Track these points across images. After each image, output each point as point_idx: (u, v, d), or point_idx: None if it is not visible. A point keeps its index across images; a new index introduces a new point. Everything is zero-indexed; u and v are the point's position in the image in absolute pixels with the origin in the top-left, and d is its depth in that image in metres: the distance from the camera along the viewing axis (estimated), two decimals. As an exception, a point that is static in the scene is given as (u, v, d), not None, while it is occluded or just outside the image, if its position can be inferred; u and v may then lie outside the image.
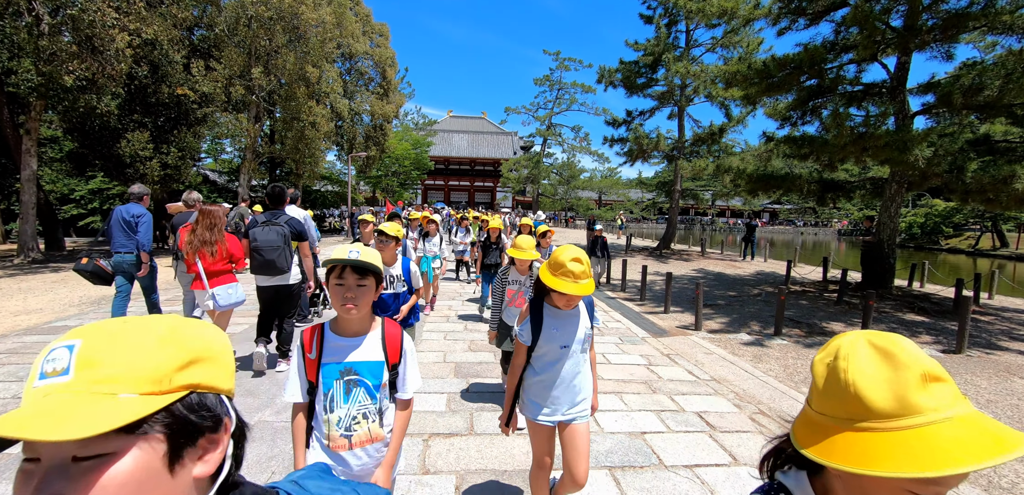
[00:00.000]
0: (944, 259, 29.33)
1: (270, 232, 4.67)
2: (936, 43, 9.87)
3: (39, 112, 12.48)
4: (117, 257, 5.62)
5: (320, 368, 1.66)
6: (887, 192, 11.15)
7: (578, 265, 2.07)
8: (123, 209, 5.69)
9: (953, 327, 7.90)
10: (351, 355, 1.68)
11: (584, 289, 2.06)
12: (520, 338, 2.27)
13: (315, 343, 1.68)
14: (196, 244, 4.58)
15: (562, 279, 2.07)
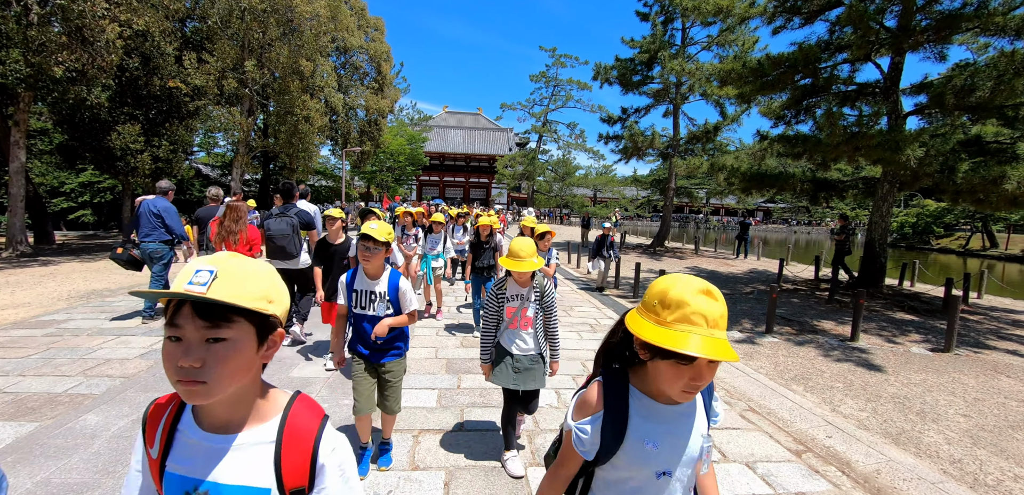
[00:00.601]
0: (934, 259, 29.62)
1: (281, 222, 5.44)
2: (929, 44, 9.93)
3: (28, 104, 12.30)
4: (145, 245, 6.41)
5: (162, 477, 0.96)
6: (879, 192, 11.22)
7: (711, 303, 1.04)
8: (150, 202, 6.42)
9: (942, 326, 7.96)
10: (211, 469, 0.92)
11: (723, 351, 0.99)
12: (578, 445, 1.19)
13: (161, 432, 0.96)
14: (223, 234, 5.40)
15: (684, 329, 1.01)
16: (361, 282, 2.94)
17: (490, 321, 3.06)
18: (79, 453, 3.14)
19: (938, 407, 4.74)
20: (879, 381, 5.43)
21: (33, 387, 4.21)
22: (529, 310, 3.04)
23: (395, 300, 2.92)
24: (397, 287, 2.93)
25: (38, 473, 2.90)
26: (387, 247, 2.90)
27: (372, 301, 2.91)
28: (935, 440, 4.04)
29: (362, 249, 2.85)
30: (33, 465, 2.99)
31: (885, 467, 3.45)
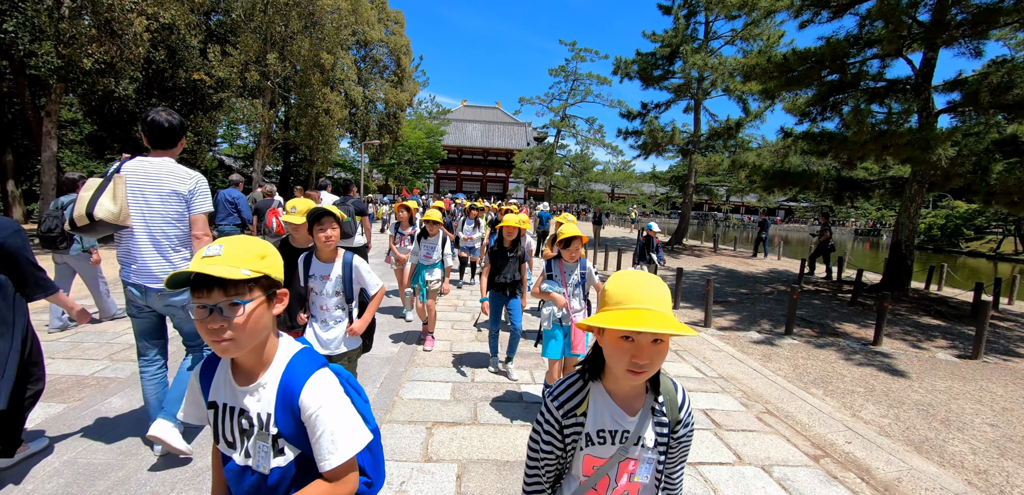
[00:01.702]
0: (963, 262, 28.69)
1: (342, 209, 6.45)
2: (965, 39, 9.56)
3: (59, 95, 12.68)
4: (222, 227, 7.45)
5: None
6: (907, 192, 10.89)
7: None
8: (225, 193, 7.58)
9: (970, 332, 7.71)
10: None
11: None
12: None
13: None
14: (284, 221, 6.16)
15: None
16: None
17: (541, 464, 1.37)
18: (105, 434, 3.24)
19: (964, 416, 4.59)
20: (902, 387, 5.29)
21: (62, 370, 4.35)
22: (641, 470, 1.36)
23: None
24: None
25: (66, 453, 3.00)
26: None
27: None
28: (960, 450, 3.92)
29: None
30: (61, 445, 3.09)
31: (907, 476, 3.36)
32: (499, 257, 4.71)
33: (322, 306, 2.90)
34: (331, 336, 2.90)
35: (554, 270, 3.64)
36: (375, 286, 2.91)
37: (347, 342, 2.94)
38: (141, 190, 2.76)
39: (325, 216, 2.80)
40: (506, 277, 4.68)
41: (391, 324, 6.40)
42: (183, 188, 2.83)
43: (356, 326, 2.89)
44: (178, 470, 2.88)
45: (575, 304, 3.61)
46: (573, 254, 3.56)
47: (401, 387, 4.33)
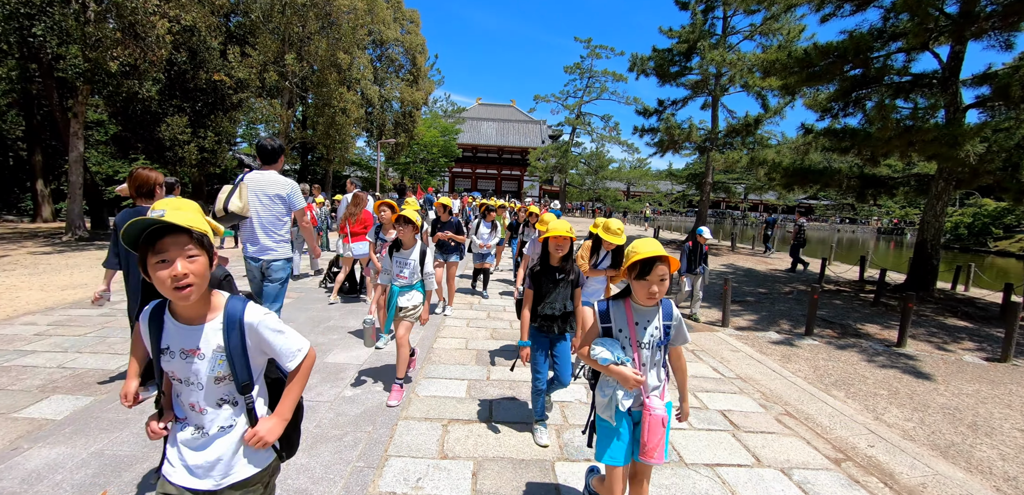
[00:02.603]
0: (992, 262, 27.81)
1: None
2: (994, 31, 9.27)
3: (85, 96, 13.04)
4: None
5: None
6: (933, 190, 10.60)
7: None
8: None
9: (999, 334, 7.48)
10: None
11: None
12: None
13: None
14: (346, 214, 7.11)
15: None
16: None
17: None
18: (130, 427, 3.33)
19: (992, 420, 4.46)
20: (927, 390, 5.15)
21: (89, 364, 4.48)
22: None
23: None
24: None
25: (92, 444, 3.09)
26: None
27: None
28: (988, 455, 3.80)
29: None
30: (88, 437, 3.18)
31: (932, 481, 3.27)
32: (544, 280, 3.33)
33: (192, 403, 1.50)
34: (209, 457, 1.50)
35: (616, 317, 2.18)
36: (295, 351, 1.56)
37: (246, 461, 1.55)
38: (255, 193, 3.96)
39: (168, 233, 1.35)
40: (554, 308, 3.33)
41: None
42: (283, 191, 4.06)
43: (264, 431, 1.53)
44: (200, 463, 2.94)
45: (653, 379, 2.15)
46: (652, 289, 2.03)
47: (417, 384, 4.35)
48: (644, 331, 2.13)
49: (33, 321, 5.74)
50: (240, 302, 1.55)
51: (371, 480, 2.89)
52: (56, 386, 3.95)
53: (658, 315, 2.16)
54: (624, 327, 2.15)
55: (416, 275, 3.95)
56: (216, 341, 1.48)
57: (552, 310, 3.33)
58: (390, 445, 3.29)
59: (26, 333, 5.28)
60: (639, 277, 2.04)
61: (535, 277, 3.34)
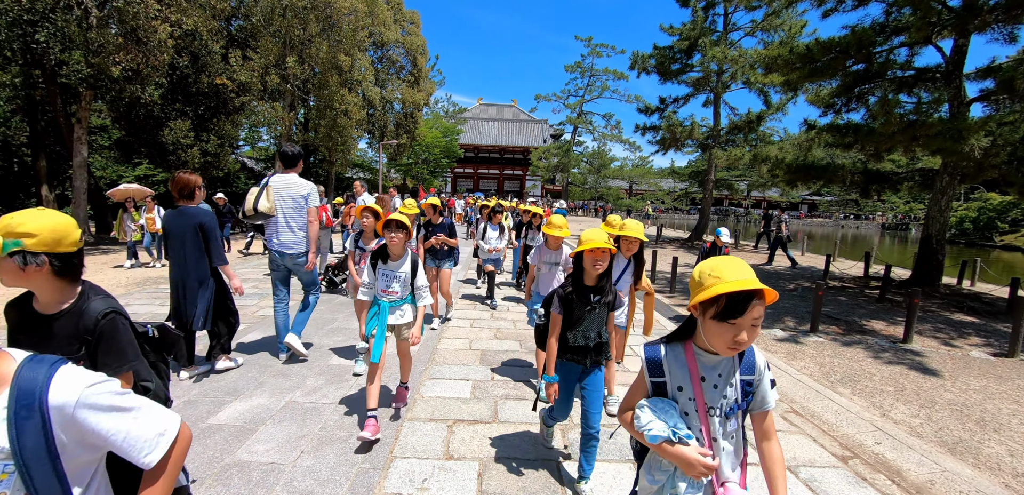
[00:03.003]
0: (998, 256, 27.67)
1: None
2: (998, 24, 9.19)
3: (89, 102, 13.09)
4: None
5: None
6: (938, 184, 10.54)
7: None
8: None
9: (1006, 328, 7.43)
10: None
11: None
12: None
13: None
14: None
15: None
16: None
17: None
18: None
19: (1001, 416, 4.43)
20: (934, 386, 5.12)
21: (95, 368, 4.49)
22: None
23: None
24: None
25: (99, 449, 3.10)
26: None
27: None
28: (997, 451, 3.78)
29: None
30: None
31: (940, 478, 3.25)
32: (577, 302, 2.67)
33: None
34: None
35: (673, 369, 1.54)
36: (152, 438, 1.06)
37: None
38: (279, 194, 4.61)
39: None
40: (588, 337, 2.74)
41: (410, 323, 6.45)
42: (303, 191, 4.66)
43: None
44: (205, 466, 2.95)
45: (727, 463, 1.51)
46: (742, 336, 1.37)
47: (421, 385, 4.35)
48: (716, 391, 1.48)
49: (39, 326, 5.76)
50: (44, 367, 0.96)
51: (377, 481, 2.89)
52: (62, 391, 3.96)
53: (735, 368, 1.50)
54: (686, 384, 1.50)
55: (406, 290, 3.48)
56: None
57: (585, 340, 2.75)
58: (395, 446, 3.29)
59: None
60: (722, 317, 1.35)
61: (566, 301, 2.71)
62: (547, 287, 4.20)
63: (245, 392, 4.05)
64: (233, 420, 3.56)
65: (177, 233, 4.14)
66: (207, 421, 3.52)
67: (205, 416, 3.59)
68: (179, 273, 4.16)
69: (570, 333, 2.75)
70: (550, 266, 4.31)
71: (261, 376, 4.39)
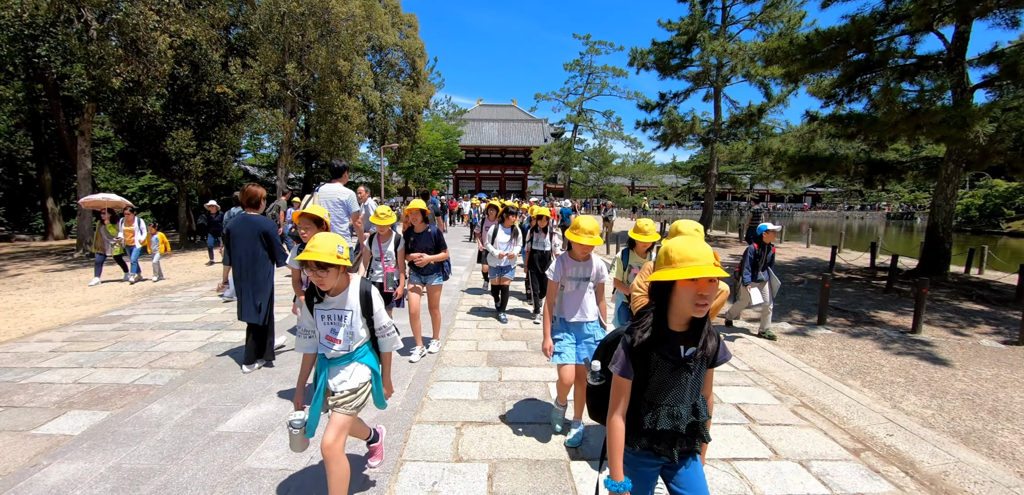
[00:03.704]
0: (1005, 243, 27.47)
1: None
2: (1000, 9, 9.14)
3: (91, 114, 13.16)
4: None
5: None
6: (942, 172, 10.48)
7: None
8: None
9: (1016, 316, 7.38)
10: None
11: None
12: None
13: None
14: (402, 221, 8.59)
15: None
16: None
17: None
18: (146, 440, 3.34)
19: (1013, 404, 4.39)
20: (945, 376, 5.09)
21: (104, 378, 4.51)
22: None
23: None
24: None
25: (110, 458, 3.10)
26: None
27: None
28: (1010, 440, 3.75)
29: None
30: (106, 451, 3.20)
31: (953, 469, 3.22)
32: (658, 358, 1.70)
33: None
34: None
35: None
36: None
37: None
38: (325, 200, 5.53)
39: None
40: (677, 415, 1.72)
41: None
42: (343, 198, 5.65)
43: None
44: (216, 474, 2.95)
45: None
46: None
47: (429, 388, 4.35)
48: None
49: (48, 338, 5.80)
50: None
51: (387, 485, 2.88)
52: (73, 402, 3.98)
53: None
54: None
55: (357, 338, 2.43)
56: None
57: (674, 421, 1.70)
58: (404, 450, 3.29)
59: (42, 350, 5.32)
60: None
61: (640, 354, 1.70)
62: (574, 311, 3.26)
63: (254, 399, 4.05)
64: (242, 428, 3.56)
65: (245, 237, 4.56)
66: (217, 429, 3.52)
67: (214, 424, 3.59)
68: (244, 273, 4.57)
69: (648, 408, 1.72)
70: (577, 283, 3.25)
71: (269, 383, 4.40)
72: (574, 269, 3.26)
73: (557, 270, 3.25)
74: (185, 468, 3.02)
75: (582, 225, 3.20)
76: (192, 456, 3.15)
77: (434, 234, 5.11)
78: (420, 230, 5.08)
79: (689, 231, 2.73)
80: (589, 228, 3.16)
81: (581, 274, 3.26)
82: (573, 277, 3.26)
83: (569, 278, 3.26)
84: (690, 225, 2.81)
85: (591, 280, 3.29)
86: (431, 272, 5.17)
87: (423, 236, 5.07)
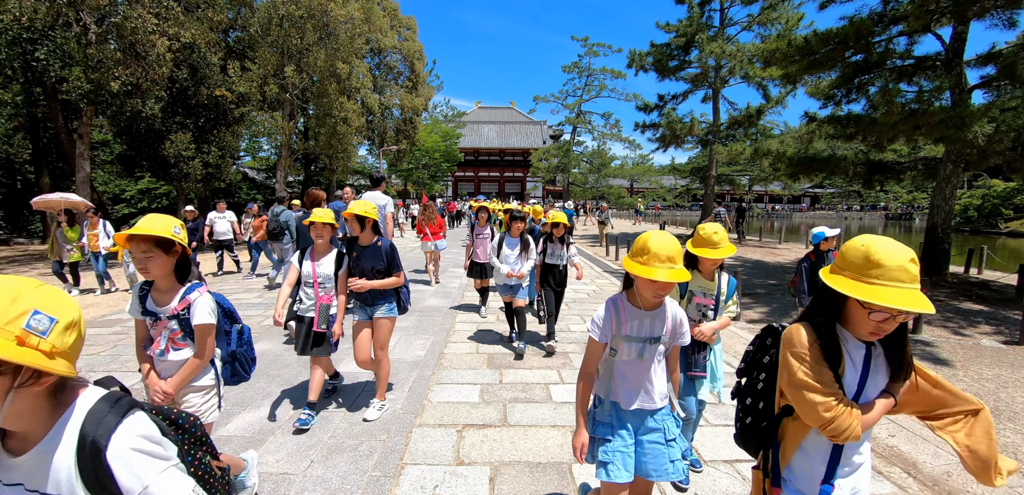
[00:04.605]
0: (1004, 243, 27.53)
1: None
2: (997, 10, 9.17)
3: (90, 117, 13.15)
4: None
5: None
6: (941, 173, 10.50)
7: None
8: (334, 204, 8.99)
9: (1016, 316, 7.38)
10: None
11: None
12: None
13: None
14: (425, 218, 9.39)
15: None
16: None
17: None
18: (145, 446, 3.32)
19: (1015, 404, 4.39)
20: (946, 376, 5.08)
21: (102, 383, 4.48)
22: None
23: None
24: None
25: (109, 465, 3.08)
26: None
27: None
28: (1012, 440, 3.74)
29: None
30: (104, 457, 3.18)
31: (956, 469, 3.21)
32: None
33: None
34: None
35: None
36: None
37: None
38: None
39: None
40: None
41: (417, 327, 6.42)
42: (382, 203, 6.51)
43: None
44: (216, 479, 2.93)
45: None
46: None
47: (430, 390, 4.33)
48: None
49: (45, 343, 5.76)
50: None
51: (388, 489, 2.87)
52: (70, 407, 3.95)
53: None
54: None
55: None
56: None
57: None
58: (405, 453, 3.27)
59: (39, 355, 5.29)
60: None
61: None
62: (634, 393, 1.97)
63: (253, 403, 4.03)
64: (242, 431, 3.54)
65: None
66: (216, 433, 3.50)
67: (214, 428, 3.57)
68: None
69: None
70: (641, 347, 1.93)
71: (269, 386, 4.38)
72: (637, 323, 1.91)
73: (606, 324, 1.93)
74: (184, 472, 2.99)
75: (709, 236, 2.48)
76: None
77: (386, 250, 3.62)
78: (366, 242, 3.62)
79: None
80: (716, 238, 2.45)
81: (648, 331, 1.92)
82: (634, 337, 1.91)
83: (628, 338, 1.92)
84: None
85: (664, 341, 1.95)
86: (379, 301, 3.66)
87: (369, 251, 3.60)
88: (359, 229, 3.60)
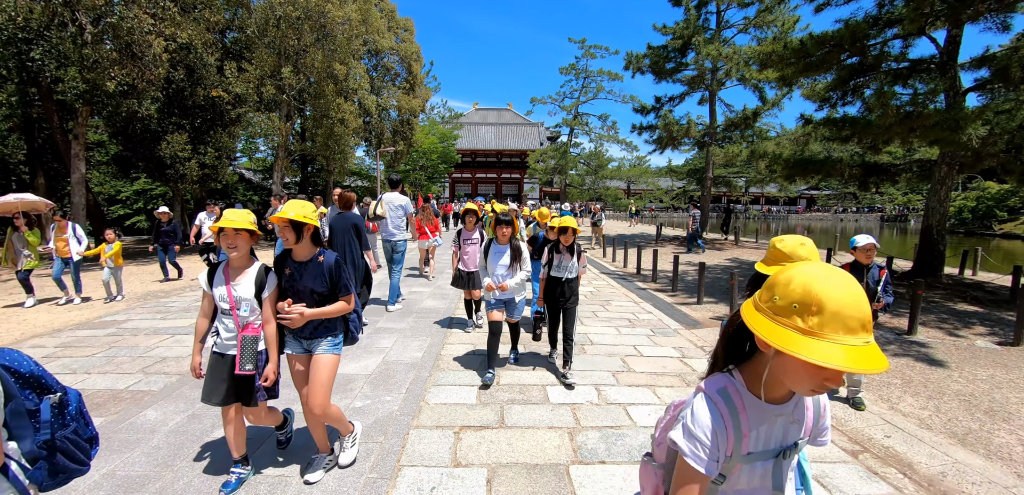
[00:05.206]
0: (998, 245, 27.69)
1: None
2: (991, 13, 9.22)
3: (86, 118, 13.09)
4: None
5: None
6: (936, 175, 10.55)
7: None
8: None
9: (1010, 317, 7.42)
10: None
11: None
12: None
13: None
14: (424, 218, 10.23)
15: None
16: None
17: None
18: (141, 447, 3.31)
19: (1009, 405, 4.41)
20: (941, 377, 5.11)
21: (98, 384, 4.46)
22: None
23: None
24: None
25: (104, 466, 3.06)
26: None
27: None
28: (1007, 441, 3.76)
29: None
30: (100, 458, 3.16)
31: (951, 470, 3.23)
32: None
33: None
34: None
35: None
36: None
37: None
38: (388, 204, 7.26)
39: None
40: None
41: (414, 329, 6.41)
42: (401, 203, 7.33)
43: None
44: (211, 481, 2.92)
45: None
46: None
47: (427, 392, 4.33)
48: None
49: (41, 343, 5.74)
50: None
51: (385, 491, 2.86)
52: (65, 409, 3.92)
53: None
54: None
55: None
56: None
57: None
58: (402, 455, 3.26)
59: (34, 356, 5.25)
60: None
61: None
62: None
63: (249, 405, 4.01)
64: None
65: (342, 230, 5.75)
66: (212, 435, 3.49)
67: (210, 430, 3.56)
68: (343, 258, 5.06)
69: None
70: (773, 466, 1.16)
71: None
72: (766, 428, 1.12)
73: (716, 442, 1.07)
74: (180, 475, 2.99)
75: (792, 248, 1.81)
76: (187, 463, 3.12)
77: (329, 267, 2.78)
78: (303, 257, 2.77)
79: None
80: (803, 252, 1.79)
81: (781, 438, 1.16)
82: (760, 453, 1.13)
83: (752, 457, 1.12)
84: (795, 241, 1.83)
85: (800, 446, 1.20)
86: (320, 333, 2.84)
87: (308, 268, 2.76)
88: (294, 239, 2.69)
